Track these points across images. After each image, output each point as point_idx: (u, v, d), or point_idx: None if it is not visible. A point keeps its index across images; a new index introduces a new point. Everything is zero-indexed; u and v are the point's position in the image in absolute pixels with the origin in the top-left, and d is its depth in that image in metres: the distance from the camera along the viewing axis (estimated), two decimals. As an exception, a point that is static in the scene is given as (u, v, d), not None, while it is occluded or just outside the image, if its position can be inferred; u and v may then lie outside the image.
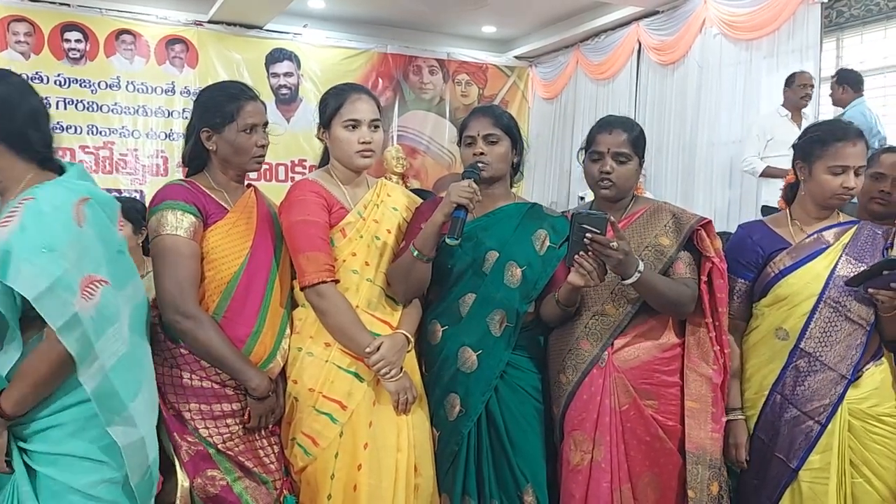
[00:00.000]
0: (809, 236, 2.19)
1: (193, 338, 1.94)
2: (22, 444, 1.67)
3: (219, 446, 1.98)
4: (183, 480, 1.96)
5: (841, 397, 2.09)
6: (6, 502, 1.65)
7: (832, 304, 2.11)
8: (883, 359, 2.16)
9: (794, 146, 2.28)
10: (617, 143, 2.16)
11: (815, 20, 6.18)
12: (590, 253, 1.93)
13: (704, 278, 2.13)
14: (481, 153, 2.17)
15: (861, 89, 5.24)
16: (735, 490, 2.24)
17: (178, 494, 1.95)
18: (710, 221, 2.18)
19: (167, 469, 1.99)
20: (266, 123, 2.15)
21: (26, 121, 1.72)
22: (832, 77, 5.47)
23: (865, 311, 2.10)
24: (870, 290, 2.02)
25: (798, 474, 2.10)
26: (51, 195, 1.64)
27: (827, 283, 2.12)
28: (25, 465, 1.66)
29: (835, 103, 5.40)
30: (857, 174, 2.12)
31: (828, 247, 2.16)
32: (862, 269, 2.09)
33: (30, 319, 1.62)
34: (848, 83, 5.25)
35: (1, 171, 1.71)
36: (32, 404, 1.65)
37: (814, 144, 2.17)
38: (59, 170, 1.77)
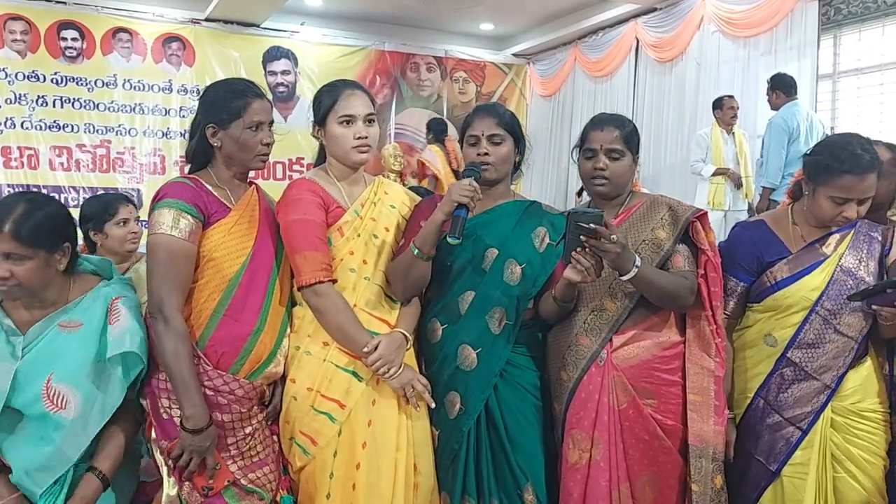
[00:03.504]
0: (808, 246, 2.17)
1: (157, 340, 1.92)
2: None
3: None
4: (169, 489, 1.95)
5: (823, 406, 2.09)
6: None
7: (823, 316, 2.10)
8: (866, 357, 2.15)
9: (803, 158, 2.24)
10: (609, 140, 2.15)
11: (813, 17, 6.19)
12: (587, 249, 1.92)
13: (701, 271, 2.13)
14: (485, 153, 2.16)
15: (793, 94, 5.75)
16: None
17: (163, 502, 1.95)
18: (705, 213, 2.17)
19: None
20: (272, 122, 2.14)
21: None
22: (768, 83, 5.89)
23: (856, 324, 2.10)
24: (873, 307, 2.02)
25: (778, 474, 2.11)
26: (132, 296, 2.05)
27: (821, 296, 2.11)
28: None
29: (771, 108, 5.86)
30: (860, 203, 2.06)
31: (825, 259, 2.14)
32: (857, 274, 2.10)
33: None
34: (780, 88, 5.78)
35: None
36: None
37: (820, 169, 2.09)
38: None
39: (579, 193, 2.35)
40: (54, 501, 1.85)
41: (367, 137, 2.17)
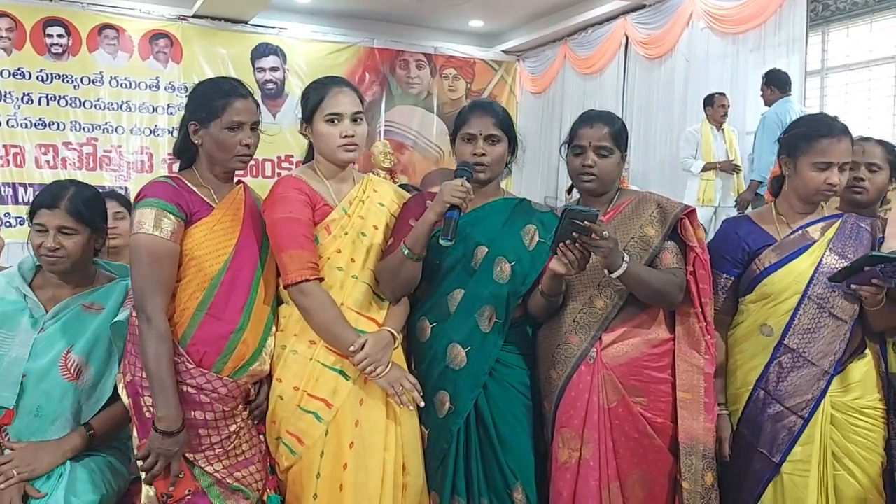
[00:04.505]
0: (794, 232, 2.18)
1: (141, 339, 1.92)
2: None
3: (186, 455, 1.96)
4: (149, 489, 1.94)
5: (823, 392, 2.09)
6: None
7: (816, 301, 2.11)
8: (867, 352, 2.16)
9: (779, 140, 2.28)
10: (598, 137, 2.14)
11: (802, 14, 6.21)
12: (577, 244, 1.91)
13: (690, 268, 2.12)
14: (482, 154, 2.14)
15: (787, 90, 5.80)
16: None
17: (143, 501, 1.94)
18: (694, 210, 2.17)
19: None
20: (257, 123, 2.11)
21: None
22: (763, 78, 5.93)
23: (849, 307, 2.10)
24: (852, 287, 2.02)
25: (780, 467, 2.11)
26: None
27: (811, 280, 2.11)
28: None
29: (765, 103, 5.92)
30: (841, 170, 2.12)
31: (813, 243, 2.15)
32: (848, 258, 2.09)
33: None
34: (775, 84, 5.83)
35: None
36: None
37: (798, 140, 2.16)
38: None
39: (569, 191, 2.35)
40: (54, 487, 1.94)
41: (354, 136, 2.15)
